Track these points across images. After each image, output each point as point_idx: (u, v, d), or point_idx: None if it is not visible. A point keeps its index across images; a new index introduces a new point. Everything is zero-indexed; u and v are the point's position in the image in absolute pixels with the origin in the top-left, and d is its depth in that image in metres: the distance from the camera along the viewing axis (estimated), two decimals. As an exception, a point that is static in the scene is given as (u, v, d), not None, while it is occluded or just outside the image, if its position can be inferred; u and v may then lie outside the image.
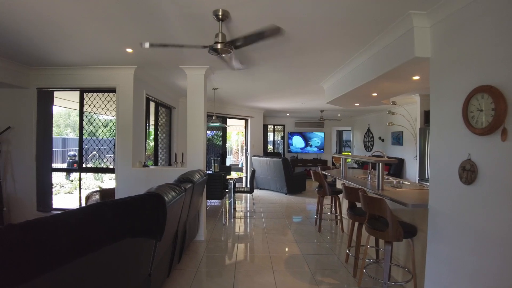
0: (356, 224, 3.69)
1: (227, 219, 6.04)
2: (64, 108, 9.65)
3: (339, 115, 11.50)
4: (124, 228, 1.70)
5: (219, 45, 2.61)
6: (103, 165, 5.67)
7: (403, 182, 4.28)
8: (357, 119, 12.03)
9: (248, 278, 3.44)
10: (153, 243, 2.18)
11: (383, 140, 9.85)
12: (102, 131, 5.46)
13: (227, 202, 7.36)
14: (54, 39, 3.59)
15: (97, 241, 1.57)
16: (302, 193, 8.93)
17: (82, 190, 5.65)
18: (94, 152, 6.07)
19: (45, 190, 5.19)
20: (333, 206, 5.52)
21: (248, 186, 8.34)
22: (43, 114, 5.12)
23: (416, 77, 3.63)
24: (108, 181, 10.09)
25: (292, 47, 3.79)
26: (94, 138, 5.37)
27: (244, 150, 11.15)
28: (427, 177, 6.32)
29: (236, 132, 15.98)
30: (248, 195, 8.59)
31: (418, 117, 6.79)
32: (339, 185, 5.52)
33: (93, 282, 1.69)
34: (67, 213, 1.66)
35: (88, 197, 5.55)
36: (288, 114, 11.83)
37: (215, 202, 7.56)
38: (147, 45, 2.75)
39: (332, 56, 4.16)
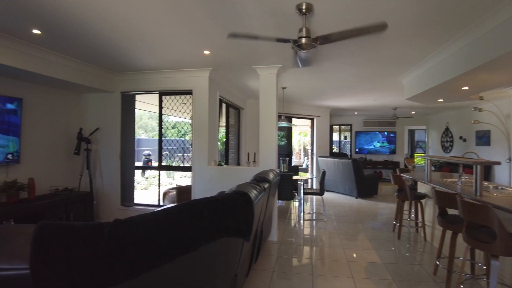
0: (449, 233, 3.31)
1: (297, 220, 5.93)
2: (137, 110, 10.33)
3: (413, 113, 10.66)
4: (220, 227, 1.68)
5: (303, 40, 2.50)
6: (174, 164, 5.91)
7: (503, 187, 3.75)
8: (433, 117, 11.05)
9: (327, 284, 3.28)
10: (241, 242, 2.15)
11: (464, 140, 8.88)
12: (170, 131, 5.70)
13: (293, 203, 7.26)
14: (138, 44, 3.82)
15: (196, 239, 1.56)
16: (374, 197, 8.42)
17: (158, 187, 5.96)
18: (166, 152, 6.39)
19: (128, 186, 5.59)
20: (414, 212, 5.08)
21: (316, 187, 8.14)
22: (126, 116, 5.54)
23: (524, 66, 3.15)
24: (179, 179, 10.60)
25: (373, 41, 3.54)
26: (164, 138, 5.58)
27: (309, 151, 10.92)
28: (526, 182, 5.53)
29: (298, 133, 15.76)
30: (315, 197, 8.37)
31: (512, 113, 6.00)
32: (421, 189, 5.06)
33: (189, 282, 1.69)
34: (164, 210, 1.67)
35: (165, 194, 5.86)
36: (356, 113, 11.30)
37: (280, 203, 7.48)
38: None
39: (417, 48, 3.81)
